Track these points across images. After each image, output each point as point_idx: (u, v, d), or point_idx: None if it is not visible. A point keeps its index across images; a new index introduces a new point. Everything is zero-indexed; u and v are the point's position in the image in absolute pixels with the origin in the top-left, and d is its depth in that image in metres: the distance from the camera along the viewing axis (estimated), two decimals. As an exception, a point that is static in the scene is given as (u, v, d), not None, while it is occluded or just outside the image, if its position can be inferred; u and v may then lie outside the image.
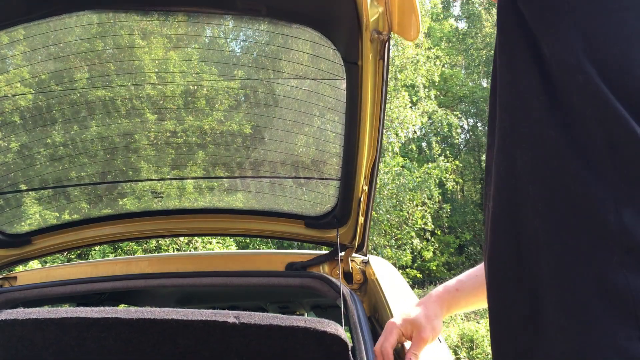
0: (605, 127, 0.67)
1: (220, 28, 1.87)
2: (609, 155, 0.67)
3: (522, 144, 0.76)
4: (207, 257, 2.56)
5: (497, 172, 0.81)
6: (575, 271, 0.68)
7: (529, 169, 0.75)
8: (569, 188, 0.70)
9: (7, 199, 2.17)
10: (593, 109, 0.68)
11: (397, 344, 1.44)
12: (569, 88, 0.71)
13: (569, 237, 0.69)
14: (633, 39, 0.69)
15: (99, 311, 1.30)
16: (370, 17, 1.40)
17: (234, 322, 1.27)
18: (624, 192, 0.66)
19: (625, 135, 0.66)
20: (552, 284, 0.71)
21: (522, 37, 0.77)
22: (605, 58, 0.69)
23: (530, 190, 0.74)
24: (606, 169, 0.67)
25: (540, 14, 0.75)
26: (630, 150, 0.65)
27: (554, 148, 0.72)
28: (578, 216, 0.69)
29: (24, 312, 1.32)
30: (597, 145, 0.68)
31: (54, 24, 1.63)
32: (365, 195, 1.97)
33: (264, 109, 2.03)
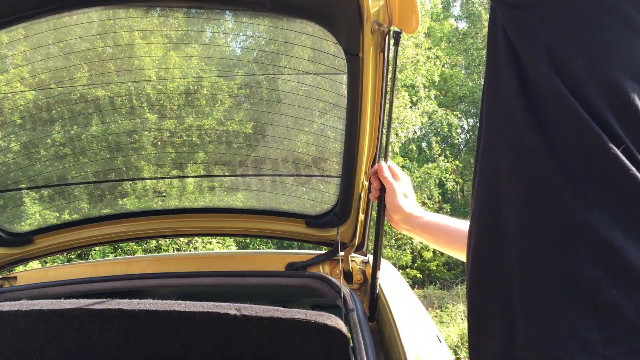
0: (576, 132, 0.72)
1: (221, 27, 1.87)
2: (579, 157, 0.72)
3: (506, 145, 0.82)
4: (207, 257, 2.56)
5: (483, 172, 0.87)
6: (543, 264, 0.73)
7: (510, 169, 0.80)
8: (543, 187, 0.75)
9: (9, 198, 2.17)
10: (565, 115, 0.73)
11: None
12: (543, 95, 0.76)
13: (540, 233, 0.75)
14: (593, 54, 0.74)
15: (101, 303, 1.30)
16: (371, 9, 1.43)
17: (235, 314, 1.28)
18: (592, 192, 0.71)
19: (592, 139, 0.71)
20: (521, 277, 0.76)
21: (506, 48, 0.83)
22: (570, 71, 0.74)
23: (510, 189, 0.80)
24: (577, 170, 0.72)
25: (517, 27, 0.81)
26: (597, 153, 0.70)
27: (532, 150, 0.77)
28: (550, 213, 0.74)
29: (27, 304, 1.32)
30: (569, 148, 0.73)
31: (54, 23, 1.62)
32: (365, 191, 1.97)
33: (265, 107, 2.03)
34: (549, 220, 0.74)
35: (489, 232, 0.84)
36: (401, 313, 1.85)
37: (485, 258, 0.85)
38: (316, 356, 1.40)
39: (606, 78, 0.72)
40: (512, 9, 0.82)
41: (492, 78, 0.88)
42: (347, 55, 1.59)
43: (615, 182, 0.70)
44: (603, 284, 0.68)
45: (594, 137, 0.71)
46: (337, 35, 1.56)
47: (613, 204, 0.70)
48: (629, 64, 0.72)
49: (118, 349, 1.41)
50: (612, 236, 0.68)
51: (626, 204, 0.70)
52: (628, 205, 0.69)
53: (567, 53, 0.75)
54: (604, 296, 0.68)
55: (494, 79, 0.87)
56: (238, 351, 1.41)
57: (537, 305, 0.73)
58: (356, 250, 2.28)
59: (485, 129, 0.88)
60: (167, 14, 1.77)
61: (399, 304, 1.95)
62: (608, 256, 0.69)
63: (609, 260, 0.69)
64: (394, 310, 1.88)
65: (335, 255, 2.23)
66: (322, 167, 2.14)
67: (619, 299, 0.67)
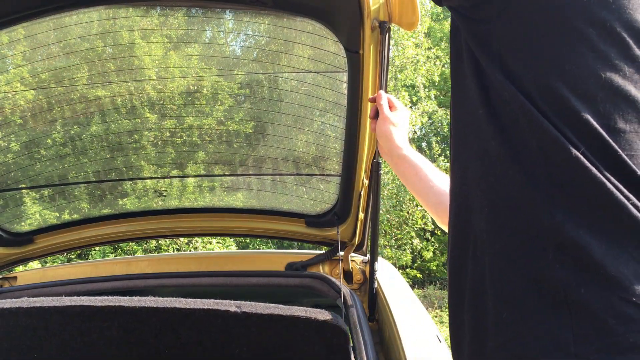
0: (536, 137, 0.74)
1: (221, 27, 1.87)
2: (541, 162, 0.74)
3: (472, 153, 0.84)
4: (207, 257, 2.56)
5: (453, 180, 0.90)
6: (514, 268, 0.75)
7: (478, 177, 0.82)
8: (508, 193, 0.77)
9: (9, 197, 2.17)
10: (524, 121, 0.75)
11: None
12: (503, 102, 0.78)
13: (508, 238, 0.76)
14: (542, 66, 0.76)
15: (102, 300, 1.30)
16: (371, 6, 1.44)
17: (236, 311, 1.28)
18: (556, 194, 0.73)
19: (552, 143, 0.72)
20: (493, 281, 0.77)
21: (468, 56, 0.85)
22: (520, 83, 0.76)
23: (479, 195, 0.82)
24: (539, 174, 0.74)
25: (473, 37, 0.83)
26: (558, 156, 0.72)
27: (496, 157, 0.79)
28: (516, 218, 0.76)
29: (28, 301, 1.32)
30: (531, 153, 0.75)
31: (54, 22, 1.62)
32: (365, 189, 1.97)
33: (265, 106, 2.03)
34: (516, 225, 0.76)
35: (462, 238, 0.86)
36: (401, 313, 1.85)
37: (460, 264, 0.86)
38: (316, 354, 1.40)
39: (553, 90, 0.73)
40: (470, 20, 0.84)
41: (457, 86, 0.90)
42: (347, 52, 1.59)
43: (577, 183, 0.71)
44: (572, 283, 0.70)
45: (553, 141, 0.72)
46: (338, 32, 1.57)
47: (577, 205, 0.71)
48: (579, 76, 0.73)
49: (118, 346, 1.41)
50: (577, 236, 0.70)
51: (590, 204, 0.71)
52: (591, 205, 0.71)
53: (518, 65, 0.77)
54: (573, 295, 0.69)
55: (459, 86, 0.89)
56: (238, 349, 1.41)
57: (511, 308, 0.74)
58: (356, 250, 2.29)
59: (453, 137, 0.91)
60: (167, 13, 1.77)
61: (398, 304, 1.95)
62: (575, 256, 0.70)
63: (576, 260, 0.70)
64: (394, 310, 1.88)
65: (335, 254, 2.23)
66: (322, 166, 2.14)
67: (588, 297, 0.68)
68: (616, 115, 0.72)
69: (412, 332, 1.70)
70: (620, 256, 0.68)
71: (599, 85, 0.72)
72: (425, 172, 1.34)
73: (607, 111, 0.72)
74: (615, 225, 0.70)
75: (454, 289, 0.88)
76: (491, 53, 0.80)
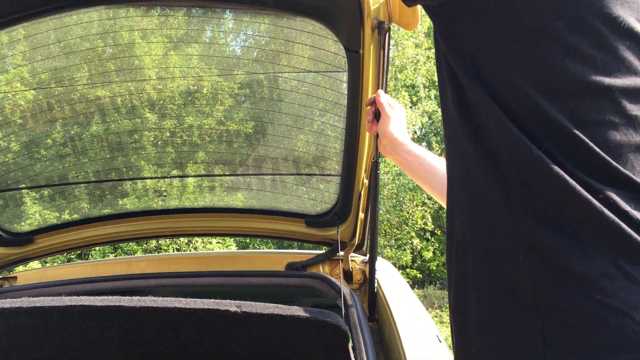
0: (503, 137, 0.74)
1: (221, 26, 1.87)
2: (511, 161, 0.74)
3: (454, 154, 0.84)
4: (207, 257, 2.56)
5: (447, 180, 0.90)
6: (492, 271, 0.75)
7: (459, 179, 0.83)
8: (483, 195, 0.77)
9: (9, 197, 2.17)
10: (492, 121, 0.75)
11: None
12: (474, 103, 0.78)
13: (486, 240, 0.77)
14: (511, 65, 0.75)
15: (102, 300, 1.30)
16: (371, 6, 1.44)
17: (236, 310, 1.28)
18: (524, 195, 0.72)
19: (516, 142, 0.72)
20: (475, 284, 0.78)
21: (443, 56, 0.85)
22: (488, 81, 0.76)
23: (461, 197, 0.82)
24: (509, 175, 0.74)
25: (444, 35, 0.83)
26: (523, 155, 0.72)
27: (471, 159, 0.79)
28: (493, 220, 0.76)
29: (28, 301, 1.32)
30: (502, 152, 0.75)
31: (54, 22, 1.62)
32: (365, 189, 1.97)
33: (265, 106, 2.03)
34: (493, 227, 0.76)
35: (448, 239, 0.87)
36: (401, 313, 1.85)
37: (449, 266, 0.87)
38: (316, 354, 1.40)
39: (519, 88, 0.73)
40: (439, 17, 0.83)
41: (440, 86, 0.90)
42: (347, 52, 1.60)
43: (542, 182, 0.71)
44: (541, 284, 0.69)
45: (517, 140, 0.72)
46: (338, 32, 1.57)
47: (543, 204, 0.71)
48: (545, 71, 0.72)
49: (118, 346, 1.41)
50: (545, 235, 0.70)
51: (555, 202, 0.70)
52: (556, 203, 0.70)
53: (486, 64, 0.77)
54: (543, 296, 0.69)
55: (441, 86, 0.89)
56: (238, 348, 1.41)
57: (491, 311, 0.75)
58: (356, 250, 2.29)
59: (444, 137, 0.91)
60: (167, 13, 1.77)
61: (398, 304, 1.95)
62: (544, 256, 0.70)
63: (544, 261, 0.70)
64: (394, 310, 1.88)
65: (335, 254, 2.23)
66: (322, 166, 2.14)
67: (556, 297, 0.68)
68: (588, 108, 0.70)
69: (412, 332, 1.70)
70: (586, 254, 0.68)
71: (568, 79, 0.71)
72: (429, 161, 1.37)
73: (577, 104, 0.71)
74: (581, 223, 0.69)
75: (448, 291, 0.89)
76: (461, 52, 0.79)
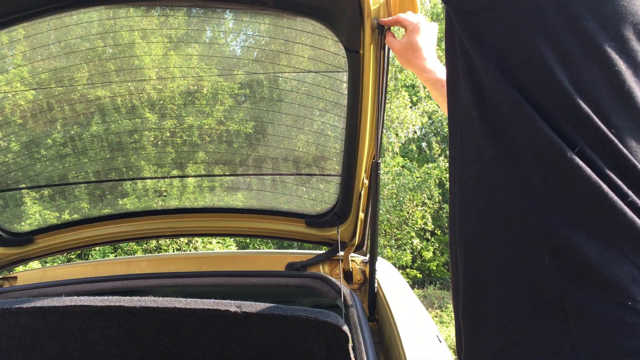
0: (529, 138, 0.72)
1: (221, 27, 1.87)
2: (534, 164, 0.72)
3: (467, 156, 0.83)
4: (207, 257, 2.56)
5: (452, 180, 0.88)
6: (512, 274, 0.74)
7: (474, 180, 0.81)
8: (503, 198, 0.76)
9: (9, 197, 2.17)
10: (518, 122, 0.73)
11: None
12: (497, 102, 0.76)
13: (506, 242, 0.75)
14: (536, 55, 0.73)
15: (102, 300, 1.30)
16: (371, 6, 1.44)
17: (236, 311, 1.28)
18: (550, 198, 0.71)
19: (546, 141, 0.70)
20: (493, 285, 0.76)
21: (462, 53, 0.83)
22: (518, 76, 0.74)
23: (475, 199, 0.80)
24: (533, 177, 0.72)
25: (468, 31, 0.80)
26: (551, 158, 0.70)
27: (490, 160, 0.77)
28: (513, 222, 0.74)
29: (28, 301, 1.32)
30: (525, 155, 0.73)
31: (54, 23, 1.62)
32: (365, 189, 1.97)
33: (265, 106, 2.03)
34: (512, 230, 0.74)
35: (452, 239, 0.85)
36: (401, 313, 1.85)
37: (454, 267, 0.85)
38: (316, 354, 1.40)
39: (555, 83, 0.71)
40: (462, 13, 0.81)
41: (451, 85, 0.88)
42: (347, 52, 1.59)
43: (571, 184, 0.69)
44: (568, 289, 0.68)
45: (547, 142, 0.70)
46: (338, 32, 1.57)
47: (571, 207, 0.70)
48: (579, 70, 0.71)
49: (118, 346, 1.41)
50: (572, 240, 0.68)
51: (584, 206, 0.69)
52: (585, 207, 0.69)
53: (515, 58, 0.75)
54: (569, 300, 0.68)
55: (454, 87, 0.87)
56: (238, 348, 1.41)
57: (510, 314, 0.73)
58: (356, 250, 2.29)
59: (450, 138, 0.89)
60: (167, 13, 1.77)
61: (399, 304, 1.94)
62: (571, 260, 0.69)
63: (572, 264, 0.69)
64: (394, 310, 1.88)
65: (335, 254, 2.23)
66: (323, 166, 2.14)
67: (584, 302, 0.67)
68: (615, 111, 0.70)
69: (412, 332, 1.70)
70: (616, 259, 0.67)
71: (596, 80, 0.70)
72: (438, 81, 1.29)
73: (605, 107, 0.70)
74: (610, 227, 0.68)
75: (452, 290, 0.88)
76: (485, 48, 0.77)
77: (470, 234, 0.81)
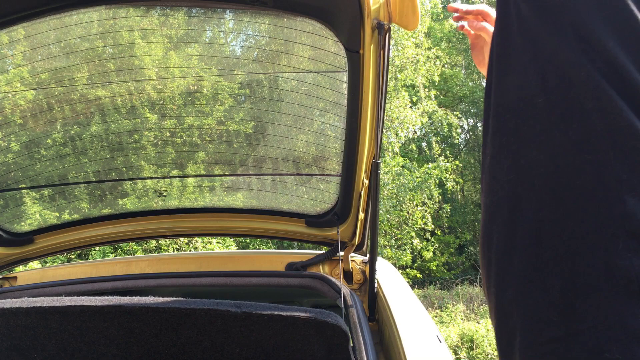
0: (606, 119, 0.70)
1: (221, 27, 1.87)
2: (610, 146, 0.70)
3: (527, 142, 0.79)
4: (207, 257, 2.56)
5: (498, 168, 0.84)
6: (584, 257, 0.72)
7: (534, 164, 0.78)
8: (575, 182, 0.73)
9: (9, 197, 2.17)
10: (594, 102, 0.71)
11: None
12: (571, 84, 0.73)
13: (576, 226, 0.73)
14: (625, 36, 0.71)
15: (102, 300, 1.30)
16: (371, 6, 1.44)
17: (236, 311, 1.28)
18: (626, 180, 0.69)
19: (625, 126, 0.69)
20: (558, 272, 0.74)
21: (527, 39, 0.79)
22: (602, 52, 0.71)
23: (535, 183, 0.78)
24: (608, 160, 0.70)
25: (540, 14, 0.77)
26: (630, 140, 0.69)
27: (558, 144, 0.75)
28: (584, 206, 0.72)
29: (28, 301, 1.32)
30: (599, 137, 0.71)
31: (54, 23, 1.62)
32: (365, 189, 1.97)
33: (265, 106, 2.03)
34: (584, 213, 0.72)
35: (506, 227, 0.82)
36: (401, 313, 1.85)
37: (506, 251, 0.82)
38: (316, 354, 1.40)
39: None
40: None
41: (504, 73, 0.83)
42: (347, 52, 1.60)
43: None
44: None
45: (626, 126, 0.69)
46: (338, 32, 1.57)
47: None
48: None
49: (119, 346, 1.41)
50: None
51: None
52: None
53: (599, 34, 0.71)
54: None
55: (507, 73, 0.82)
56: (238, 348, 1.41)
57: (583, 297, 0.72)
58: (356, 250, 2.29)
59: (497, 127, 0.84)
60: (167, 13, 1.77)
61: (398, 304, 1.95)
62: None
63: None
64: (394, 310, 1.88)
65: (335, 254, 2.23)
66: (323, 166, 2.14)
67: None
68: None
69: (412, 332, 1.70)
70: None
71: None
72: None
73: None
74: None
75: (499, 279, 0.83)
76: (563, 27, 0.73)
77: (530, 220, 0.78)
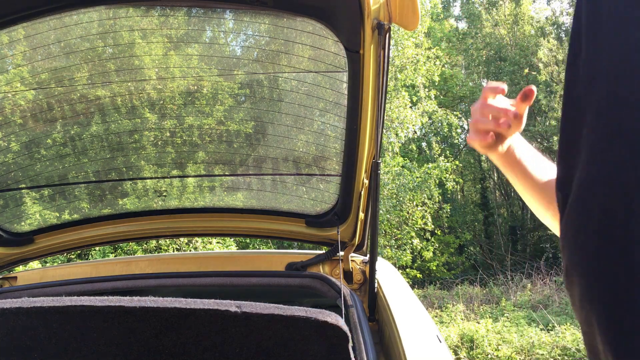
0: None
1: (221, 27, 1.87)
2: None
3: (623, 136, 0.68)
4: (207, 257, 2.56)
5: (600, 165, 0.72)
6: None
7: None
8: None
9: (9, 197, 2.17)
10: None
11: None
12: None
13: None
14: None
15: (102, 300, 1.30)
16: (371, 6, 1.45)
17: (236, 311, 1.27)
18: None
19: None
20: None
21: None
22: None
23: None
24: None
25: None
26: None
27: None
28: None
29: (28, 301, 1.32)
30: None
31: (54, 22, 1.62)
32: (365, 189, 1.97)
33: (265, 106, 2.03)
34: None
35: (613, 227, 0.71)
36: (401, 313, 1.85)
37: (623, 260, 0.72)
38: (316, 354, 1.40)
39: None
40: None
41: (595, 49, 0.72)
42: (347, 52, 1.60)
43: None
44: None
45: None
46: (338, 32, 1.57)
47: None
48: None
49: (118, 346, 1.41)
50: None
51: None
52: None
53: None
54: None
55: (597, 50, 0.71)
56: (238, 348, 1.41)
57: None
58: (356, 250, 2.29)
59: (591, 120, 0.72)
60: (167, 13, 1.77)
61: (398, 304, 1.95)
62: None
63: None
64: (394, 310, 1.88)
65: (335, 254, 2.23)
66: (323, 166, 2.15)
67: None
68: None
69: (412, 332, 1.70)
70: None
71: None
72: (545, 163, 1.13)
73: None
74: None
75: (603, 283, 0.73)
76: None
77: (634, 216, 0.69)
